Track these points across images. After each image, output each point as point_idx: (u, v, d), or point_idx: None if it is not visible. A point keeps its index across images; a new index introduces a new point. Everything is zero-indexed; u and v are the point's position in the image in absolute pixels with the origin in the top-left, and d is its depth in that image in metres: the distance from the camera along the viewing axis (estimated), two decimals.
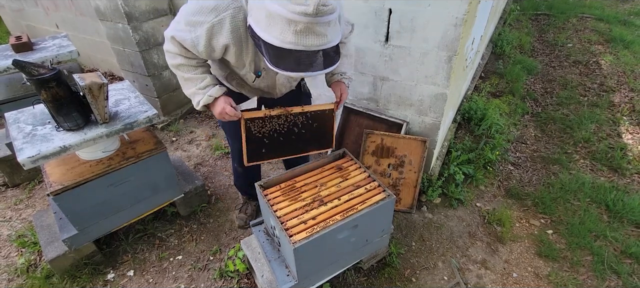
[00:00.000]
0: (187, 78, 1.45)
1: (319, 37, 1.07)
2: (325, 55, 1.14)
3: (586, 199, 2.51)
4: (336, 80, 1.69)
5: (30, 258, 2.14)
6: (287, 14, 1.03)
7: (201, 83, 1.44)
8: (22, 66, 1.57)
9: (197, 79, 1.44)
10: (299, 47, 1.07)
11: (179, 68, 1.43)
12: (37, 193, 2.66)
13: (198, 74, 1.44)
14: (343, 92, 1.68)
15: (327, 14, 1.05)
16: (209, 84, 1.45)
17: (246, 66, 1.42)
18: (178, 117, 3.46)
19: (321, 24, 1.05)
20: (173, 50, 1.38)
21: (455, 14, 1.81)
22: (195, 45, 1.32)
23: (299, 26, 1.04)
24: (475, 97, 3.35)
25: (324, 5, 1.02)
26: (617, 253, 2.16)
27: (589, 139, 3.05)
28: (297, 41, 1.06)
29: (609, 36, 4.63)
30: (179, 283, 2.02)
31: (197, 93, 1.46)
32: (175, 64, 1.43)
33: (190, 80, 1.45)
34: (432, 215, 2.40)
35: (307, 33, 1.05)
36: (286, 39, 1.06)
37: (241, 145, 1.64)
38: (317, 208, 1.58)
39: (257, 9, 1.12)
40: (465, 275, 2.06)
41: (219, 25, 1.24)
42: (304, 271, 1.60)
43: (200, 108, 1.50)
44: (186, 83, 1.48)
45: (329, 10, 1.04)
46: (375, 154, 2.38)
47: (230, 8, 1.21)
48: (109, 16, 2.90)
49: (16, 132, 1.69)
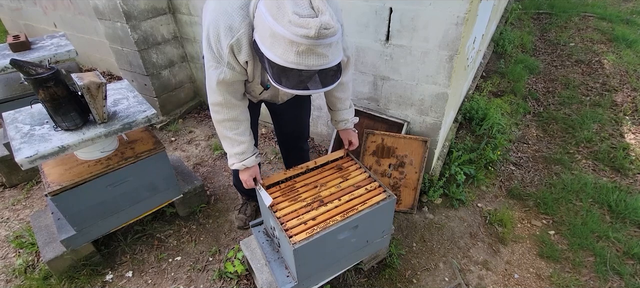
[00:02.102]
0: (227, 136, 1.53)
1: (320, 57, 1.10)
2: (326, 74, 1.17)
3: (588, 200, 2.49)
4: (343, 129, 1.79)
5: (28, 259, 2.12)
6: (290, 36, 1.06)
7: (238, 148, 1.54)
8: (20, 65, 1.55)
9: (235, 141, 1.53)
10: (300, 67, 1.10)
11: (221, 124, 1.50)
12: (35, 194, 2.64)
13: (237, 135, 1.52)
14: (352, 139, 1.79)
15: (329, 37, 1.08)
16: (245, 152, 1.55)
17: (255, 79, 1.45)
18: (177, 117, 3.45)
19: (323, 45, 1.09)
20: (219, 100, 1.42)
21: (457, 13, 1.79)
22: (232, 70, 1.34)
23: (300, 47, 1.07)
24: (476, 96, 3.33)
25: (325, 28, 1.05)
26: (620, 254, 2.14)
27: (591, 139, 3.03)
28: (298, 61, 1.09)
29: (612, 35, 4.60)
30: (177, 284, 2.01)
31: (234, 157, 1.56)
32: (218, 120, 1.49)
33: (229, 140, 1.53)
34: (433, 216, 2.39)
35: (309, 54, 1.09)
36: (288, 58, 1.09)
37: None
38: (317, 208, 1.57)
39: (262, 27, 1.14)
40: (467, 276, 2.05)
41: (237, 44, 1.27)
42: (304, 272, 1.58)
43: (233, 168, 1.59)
44: (224, 140, 1.56)
45: (330, 33, 1.07)
46: (376, 154, 2.37)
47: (243, 26, 1.24)
48: (107, 15, 2.88)
49: (14, 132, 1.68)
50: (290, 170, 1.77)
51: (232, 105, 1.45)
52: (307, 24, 1.04)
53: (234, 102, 1.45)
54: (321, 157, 1.85)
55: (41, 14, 4.39)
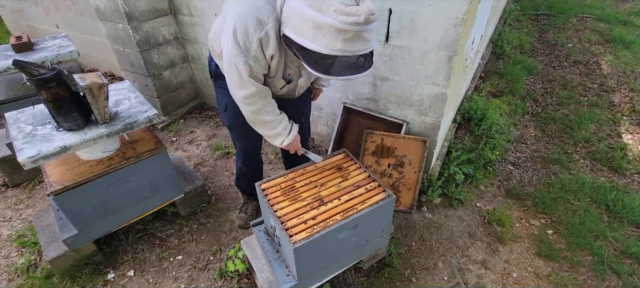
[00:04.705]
0: (266, 121, 1.56)
1: (365, 42, 1.17)
2: (366, 57, 1.23)
3: (586, 199, 2.51)
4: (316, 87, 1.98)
5: (31, 258, 2.14)
6: (338, 24, 1.11)
7: (281, 125, 1.60)
8: (23, 66, 1.57)
9: (275, 121, 1.57)
10: (346, 53, 1.15)
11: (258, 113, 1.52)
12: (37, 193, 2.66)
13: (275, 116, 1.57)
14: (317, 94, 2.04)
15: (374, 22, 1.15)
16: (287, 125, 1.63)
17: (278, 74, 1.48)
18: (178, 117, 3.46)
19: (368, 31, 1.15)
20: (251, 91, 1.43)
21: (456, 14, 1.81)
22: (258, 64, 1.36)
23: (348, 34, 1.12)
24: (475, 97, 3.34)
25: (372, 13, 1.12)
26: (617, 253, 2.16)
27: (589, 139, 3.05)
28: (345, 48, 1.14)
29: (609, 36, 4.62)
30: (179, 283, 2.02)
31: (280, 134, 1.61)
32: (254, 110, 1.51)
33: (269, 123, 1.57)
34: (432, 215, 2.41)
35: (356, 40, 1.14)
36: (335, 47, 1.14)
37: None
38: (317, 208, 1.59)
39: (299, 20, 1.18)
40: (465, 275, 2.06)
41: (266, 37, 1.30)
42: (304, 271, 1.60)
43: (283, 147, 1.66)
44: (264, 125, 1.58)
45: (375, 18, 1.15)
46: (375, 154, 2.38)
47: (271, 20, 1.27)
48: (109, 16, 2.90)
49: (16, 132, 1.69)
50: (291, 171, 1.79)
51: (264, 92, 1.49)
52: (356, 12, 1.10)
53: (264, 89, 1.48)
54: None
55: (43, 15, 4.41)
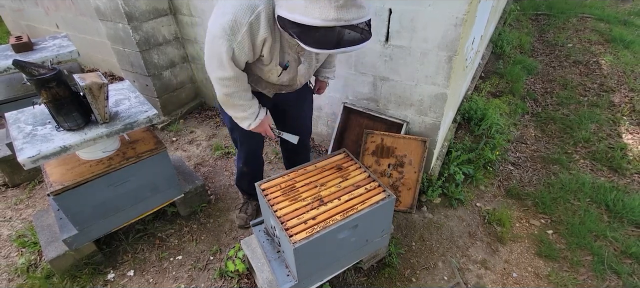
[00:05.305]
0: (237, 104, 1.55)
1: (360, 9, 1.10)
2: (362, 29, 1.16)
3: (586, 199, 2.51)
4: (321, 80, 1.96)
5: (31, 258, 2.14)
6: None
7: (250, 110, 1.59)
8: (23, 66, 1.57)
9: (245, 105, 1.56)
10: (340, 23, 1.09)
11: (231, 96, 1.50)
12: (37, 193, 2.66)
13: (247, 101, 1.56)
14: (322, 87, 2.01)
15: None
16: (256, 110, 1.61)
17: (274, 60, 1.45)
18: (178, 117, 3.46)
19: None
20: (230, 74, 1.41)
21: (456, 14, 1.81)
22: (241, 50, 1.34)
23: (340, 1, 1.06)
24: (475, 97, 3.34)
25: None
26: (617, 253, 2.16)
27: (589, 139, 3.05)
28: (339, 16, 1.08)
29: (609, 36, 4.62)
30: (179, 283, 2.02)
31: (248, 118, 1.60)
32: (227, 93, 1.49)
33: (240, 106, 1.56)
34: (432, 215, 2.41)
35: (349, 7, 1.08)
36: (328, 16, 1.08)
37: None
38: (317, 208, 1.59)
39: None
40: (465, 275, 2.06)
41: (256, 21, 1.27)
42: (304, 271, 1.60)
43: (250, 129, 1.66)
44: (234, 108, 1.58)
45: None
46: (375, 154, 2.38)
47: (262, 2, 1.25)
48: (109, 16, 2.90)
49: (16, 132, 1.69)
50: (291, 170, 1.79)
51: (242, 78, 1.47)
52: None
53: (242, 74, 1.46)
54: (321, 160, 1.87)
55: (43, 15, 4.41)
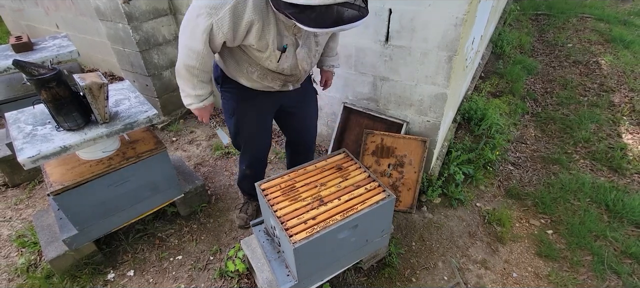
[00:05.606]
0: (190, 80, 1.53)
1: None
2: (359, 6, 1.13)
3: (586, 199, 2.51)
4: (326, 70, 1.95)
5: (31, 258, 2.14)
6: None
7: (201, 91, 1.57)
8: (23, 66, 1.57)
9: (198, 85, 1.55)
10: (337, 0, 1.06)
11: (190, 69, 1.47)
12: (37, 193, 2.66)
13: (200, 81, 1.54)
14: (329, 79, 2.01)
15: None
16: (203, 94, 1.59)
17: (270, 45, 1.41)
18: (178, 117, 3.46)
19: None
20: (199, 48, 1.36)
21: (456, 14, 1.81)
22: (219, 28, 1.29)
23: None
24: (475, 97, 3.35)
25: None
26: (617, 253, 2.16)
27: (588, 139, 3.05)
28: None
29: (609, 36, 4.63)
30: (179, 283, 2.02)
31: (193, 97, 1.59)
32: (188, 65, 1.44)
33: (191, 83, 1.54)
34: (432, 215, 2.41)
35: None
36: None
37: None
38: (317, 208, 1.59)
39: None
40: (465, 275, 2.06)
41: (243, 3, 1.24)
42: (304, 271, 1.60)
43: (188, 107, 1.64)
44: (186, 80, 1.54)
45: None
46: (375, 154, 2.38)
47: None
48: (109, 16, 2.90)
49: (16, 132, 1.69)
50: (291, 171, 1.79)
51: (208, 57, 1.42)
52: None
53: (209, 54, 1.41)
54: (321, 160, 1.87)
55: (43, 15, 4.41)
